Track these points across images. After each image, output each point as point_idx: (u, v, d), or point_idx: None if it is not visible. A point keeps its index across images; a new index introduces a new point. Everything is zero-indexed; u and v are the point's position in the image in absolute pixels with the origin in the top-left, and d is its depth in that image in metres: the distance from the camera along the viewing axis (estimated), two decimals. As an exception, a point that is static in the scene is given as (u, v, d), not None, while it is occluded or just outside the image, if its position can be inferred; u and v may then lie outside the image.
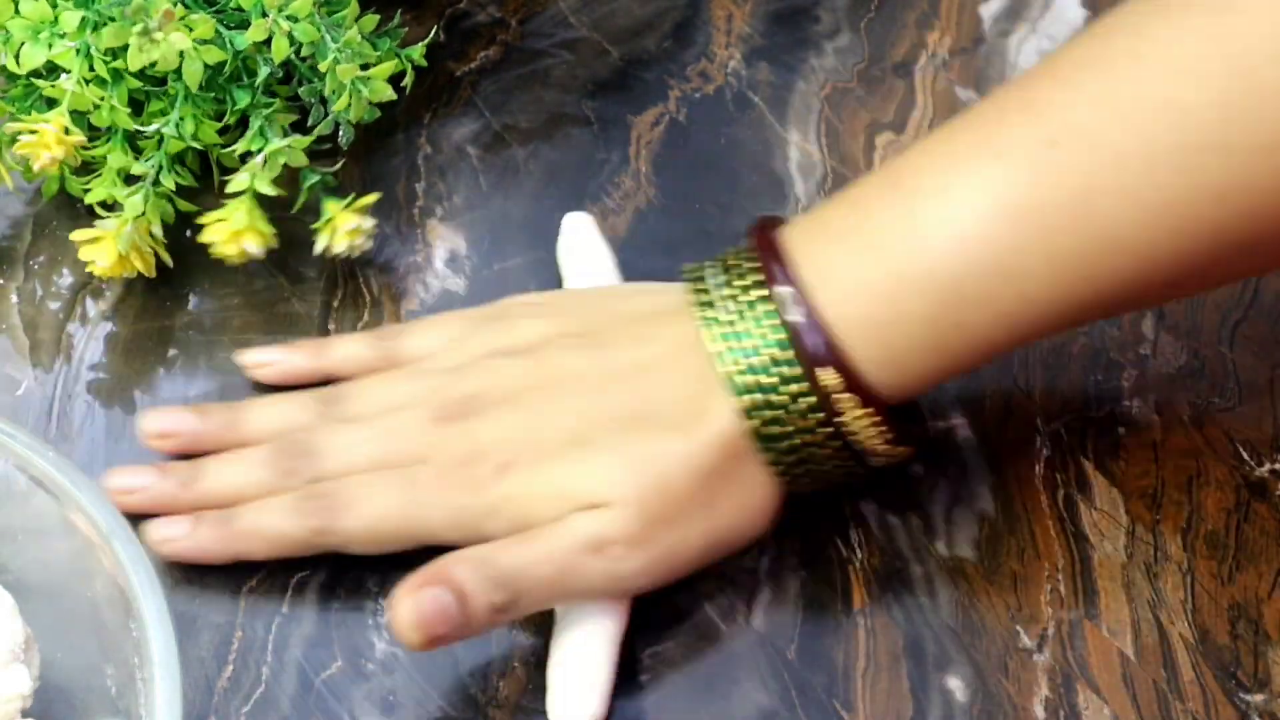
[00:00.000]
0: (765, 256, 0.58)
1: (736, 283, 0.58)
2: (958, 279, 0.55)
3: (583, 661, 0.58)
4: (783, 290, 0.57)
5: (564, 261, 0.66)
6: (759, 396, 0.57)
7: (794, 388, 0.57)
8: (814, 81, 0.72)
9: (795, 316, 0.56)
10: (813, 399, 0.57)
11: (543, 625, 0.60)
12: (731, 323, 0.57)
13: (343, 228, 0.64)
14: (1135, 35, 0.55)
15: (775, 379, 0.57)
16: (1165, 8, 0.55)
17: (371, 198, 0.65)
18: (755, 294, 0.57)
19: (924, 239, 0.55)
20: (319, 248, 0.65)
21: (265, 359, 0.63)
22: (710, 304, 0.58)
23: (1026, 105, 0.56)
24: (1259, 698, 0.59)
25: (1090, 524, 0.62)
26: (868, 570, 0.61)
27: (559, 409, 0.58)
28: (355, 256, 0.65)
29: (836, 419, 0.57)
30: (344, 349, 0.63)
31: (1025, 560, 0.61)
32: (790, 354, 0.56)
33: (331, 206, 0.64)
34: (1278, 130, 0.53)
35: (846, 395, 0.56)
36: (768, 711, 0.59)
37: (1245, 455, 0.64)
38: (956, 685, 0.59)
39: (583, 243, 0.66)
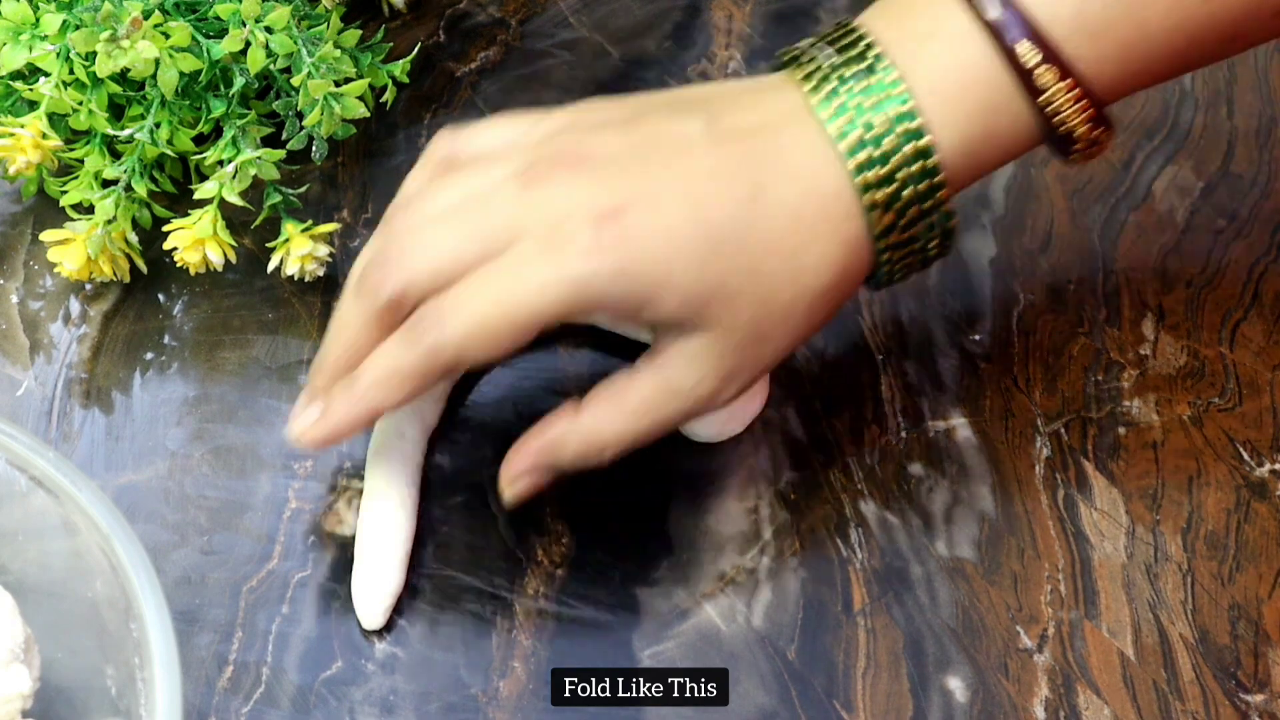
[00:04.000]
0: None
1: (848, 52, 0.56)
2: None
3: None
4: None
5: None
6: (873, 153, 0.55)
7: (912, 146, 0.55)
8: (814, 81, 0.72)
9: (994, 14, 0.55)
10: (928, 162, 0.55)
11: (541, 626, 0.60)
12: (849, 88, 0.56)
13: (296, 252, 0.64)
14: None
15: (895, 139, 0.55)
16: None
17: (330, 227, 0.65)
18: (870, 58, 0.56)
19: None
20: (271, 266, 0.65)
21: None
22: (821, 76, 0.56)
23: None
24: (1259, 698, 0.59)
25: (1090, 524, 0.62)
26: (868, 570, 0.61)
27: (668, 171, 0.55)
28: (307, 280, 0.65)
29: (1040, 95, 0.55)
30: (408, 188, 0.59)
31: (1025, 560, 0.61)
32: (914, 124, 0.55)
33: (290, 228, 0.64)
34: None
35: (1045, 67, 0.55)
36: (768, 711, 0.59)
37: (1245, 455, 0.64)
38: (956, 685, 0.59)
39: None
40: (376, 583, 0.59)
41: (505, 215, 0.55)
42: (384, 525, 0.60)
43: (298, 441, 0.57)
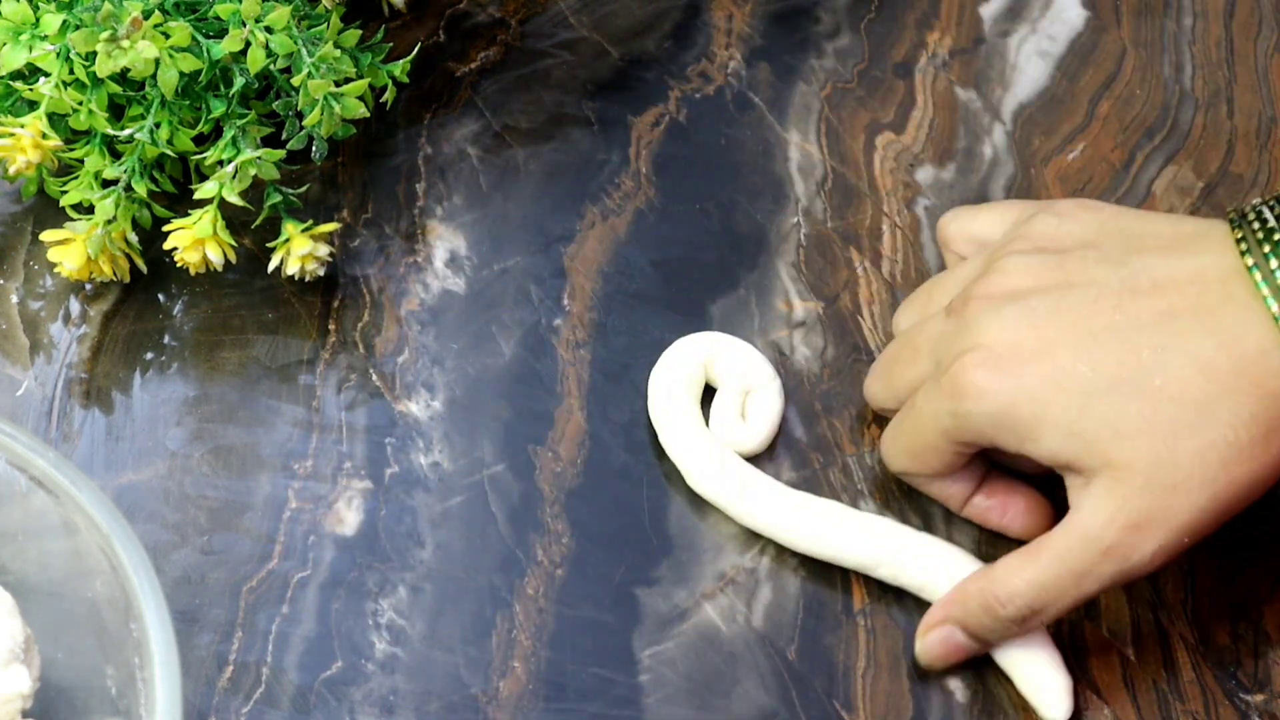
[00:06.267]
0: None
1: None
2: None
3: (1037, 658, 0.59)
4: None
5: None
6: None
7: None
8: (814, 82, 0.72)
9: None
10: None
11: (541, 626, 0.60)
12: None
13: (296, 252, 0.64)
14: None
15: None
16: None
17: (330, 226, 0.65)
18: None
19: None
20: (271, 266, 0.65)
21: None
22: (1259, 239, 0.55)
23: None
24: (1259, 698, 0.59)
25: (1090, 524, 0.62)
26: (868, 570, 0.61)
27: (1071, 320, 0.57)
28: (307, 280, 0.65)
29: None
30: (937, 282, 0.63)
31: (1025, 560, 0.61)
32: None
33: (290, 228, 0.64)
34: None
35: None
36: (768, 711, 0.59)
37: (1245, 455, 0.64)
38: (956, 685, 0.59)
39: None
40: None
41: (930, 345, 0.59)
42: None
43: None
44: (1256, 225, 0.56)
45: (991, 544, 0.62)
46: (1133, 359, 0.55)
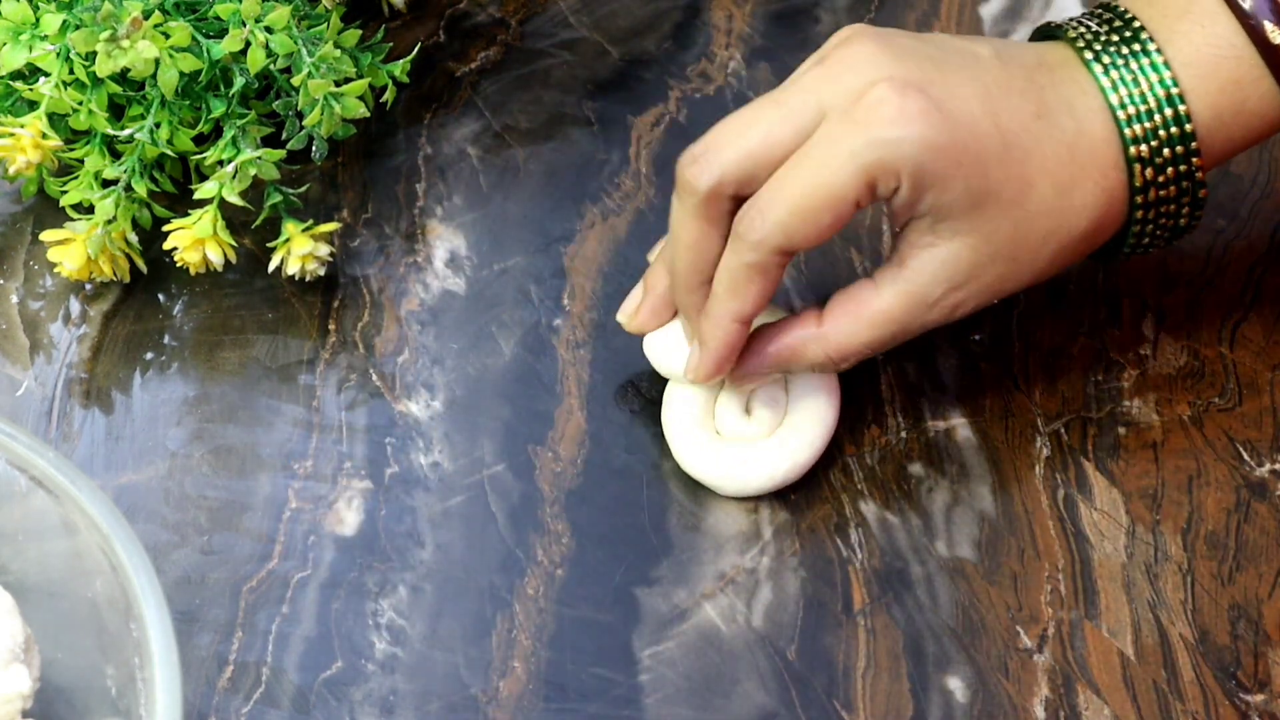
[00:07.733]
0: None
1: (1112, 24, 0.58)
2: None
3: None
4: None
5: None
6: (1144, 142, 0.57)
7: (1172, 111, 0.57)
8: (814, 81, 0.72)
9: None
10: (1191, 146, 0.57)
11: (541, 626, 0.60)
12: (1116, 51, 0.57)
13: (297, 251, 0.64)
14: None
15: (1161, 121, 0.57)
16: None
17: (331, 226, 0.65)
18: (1133, 28, 0.57)
19: None
20: (272, 266, 0.65)
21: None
22: (1088, 41, 0.58)
23: None
24: (1259, 698, 0.59)
25: (1090, 524, 0.62)
26: (868, 570, 0.61)
27: (962, 70, 0.56)
28: (307, 280, 0.65)
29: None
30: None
31: (1025, 560, 0.61)
32: (1174, 91, 0.57)
33: (290, 228, 0.64)
34: None
35: None
36: (768, 711, 0.59)
37: (1245, 455, 0.64)
38: (956, 685, 0.59)
39: None
40: None
41: (807, 90, 0.56)
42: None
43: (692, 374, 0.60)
44: (1083, 29, 0.58)
45: (992, 553, 0.62)
46: (1022, 122, 0.56)
